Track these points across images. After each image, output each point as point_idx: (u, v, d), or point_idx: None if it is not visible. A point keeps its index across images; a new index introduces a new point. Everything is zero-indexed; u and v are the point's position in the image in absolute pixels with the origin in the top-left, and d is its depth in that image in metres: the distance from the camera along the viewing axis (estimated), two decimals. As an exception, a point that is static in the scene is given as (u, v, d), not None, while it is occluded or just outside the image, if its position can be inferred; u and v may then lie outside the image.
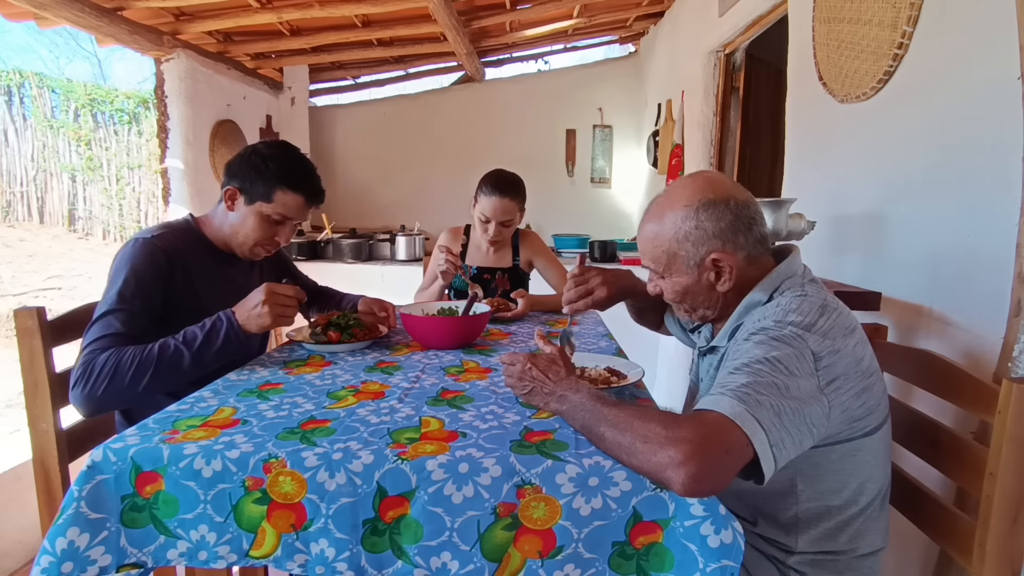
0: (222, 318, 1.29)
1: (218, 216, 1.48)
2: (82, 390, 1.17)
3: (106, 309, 1.25)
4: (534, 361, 1.07)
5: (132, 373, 1.18)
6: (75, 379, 1.18)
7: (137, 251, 1.32)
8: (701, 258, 1.03)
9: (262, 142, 1.49)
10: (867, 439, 0.97)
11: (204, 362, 1.26)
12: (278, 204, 1.43)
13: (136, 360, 1.19)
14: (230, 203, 1.44)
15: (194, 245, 1.44)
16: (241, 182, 1.42)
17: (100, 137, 7.60)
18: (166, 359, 1.21)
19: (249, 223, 1.44)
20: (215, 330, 1.27)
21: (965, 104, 1.35)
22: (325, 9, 3.44)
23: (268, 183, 1.41)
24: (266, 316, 1.28)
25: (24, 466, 2.05)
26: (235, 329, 1.28)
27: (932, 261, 1.45)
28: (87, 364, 1.18)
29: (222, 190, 1.45)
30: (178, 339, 1.25)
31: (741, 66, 3.44)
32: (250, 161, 1.42)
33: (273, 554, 0.86)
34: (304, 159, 1.50)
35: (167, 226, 1.44)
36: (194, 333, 1.26)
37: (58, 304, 5.86)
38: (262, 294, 1.29)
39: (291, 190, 1.43)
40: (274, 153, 1.44)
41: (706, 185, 1.03)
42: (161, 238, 1.36)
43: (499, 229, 2.06)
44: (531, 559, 0.83)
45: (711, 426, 0.79)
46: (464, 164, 5.27)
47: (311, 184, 1.47)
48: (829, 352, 0.89)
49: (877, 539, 1.02)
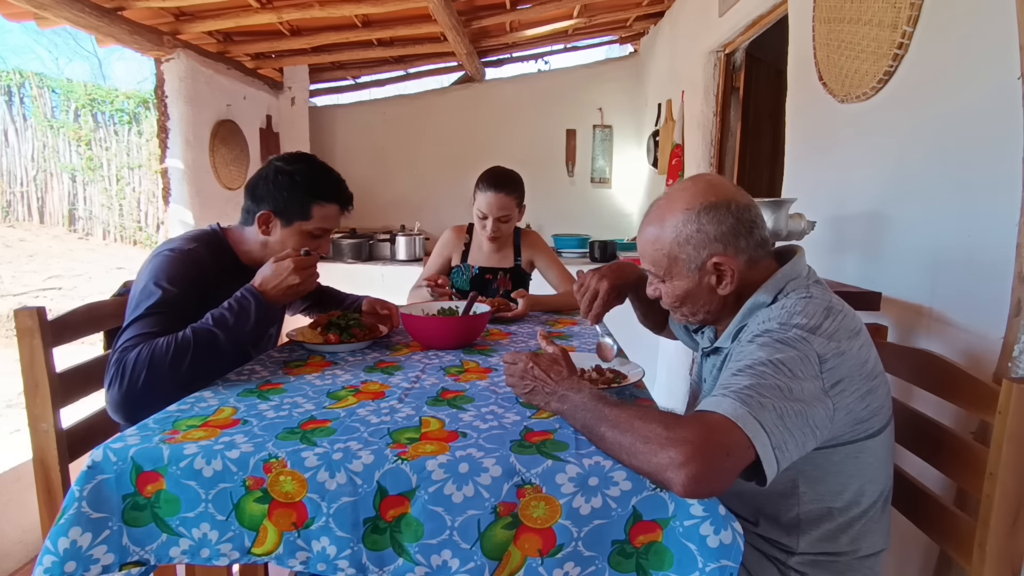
0: (248, 296, 1.27)
1: (249, 236, 1.44)
2: (119, 388, 1.14)
3: (140, 313, 1.22)
4: (536, 360, 1.07)
5: (171, 360, 1.14)
6: (109, 380, 1.16)
7: (173, 261, 1.29)
8: (702, 261, 1.02)
9: (279, 158, 1.45)
10: (870, 441, 0.97)
11: (241, 339, 1.24)
12: (317, 219, 1.41)
13: (171, 347, 1.16)
14: (265, 227, 1.40)
15: (224, 260, 1.41)
16: (273, 204, 1.39)
17: (100, 137, 7.61)
18: (202, 341, 1.19)
19: (292, 244, 1.41)
20: (244, 308, 1.25)
21: (965, 104, 1.35)
22: (325, 9, 3.44)
23: (303, 200, 1.39)
24: (299, 284, 1.29)
25: (24, 466, 2.05)
26: (263, 303, 1.27)
27: (932, 261, 1.45)
28: (119, 362, 1.16)
29: (249, 215, 1.42)
30: (207, 322, 1.22)
31: (741, 66, 3.44)
32: (277, 182, 1.39)
33: (275, 551, 0.86)
34: (328, 167, 1.48)
35: (199, 239, 1.39)
36: (223, 313, 1.24)
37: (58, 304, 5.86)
38: (290, 263, 1.29)
39: (327, 202, 1.42)
40: (299, 168, 1.42)
41: (707, 188, 1.03)
42: (196, 252, 1.34)
43: (497, 225, 2.06)
44: (531, 557, 0.83)
45: (713, 428, 0.79)
46: (464, 164, 5.26)
47: (343, 191, 1.46)
48: (834, 354, 0.89)
49: (878, 540, 1.02)
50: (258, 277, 1.31)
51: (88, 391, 1.37)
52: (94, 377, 1.39)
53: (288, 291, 1.30)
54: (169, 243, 1.36)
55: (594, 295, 1.33)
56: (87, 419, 1.36)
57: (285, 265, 1.30)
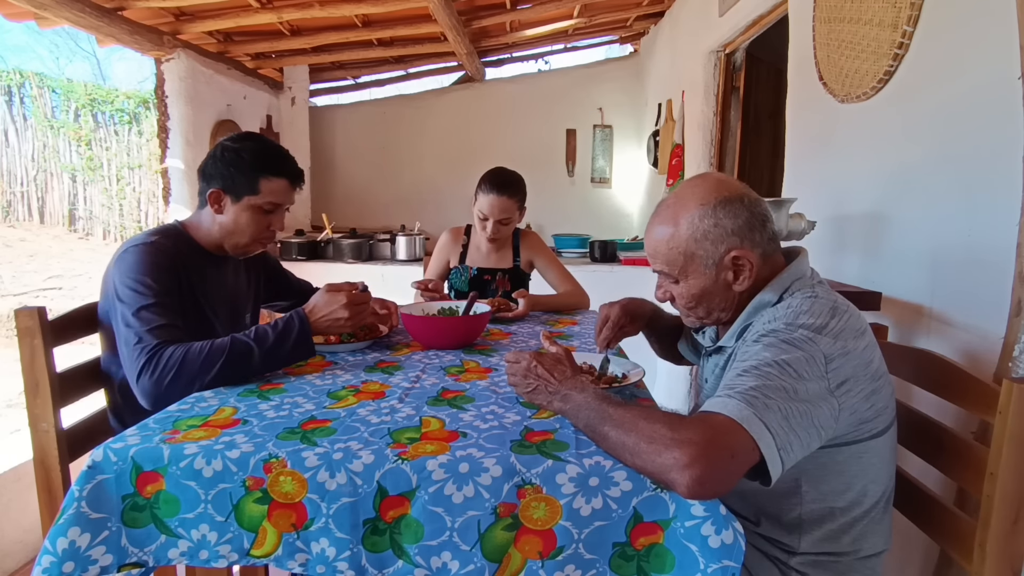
0: (295, 320, 1.28)
1: (205, 220, 1.45)
2: (150, 377, 1.16)
3: (144, 303, 1.23)
4: (540, 360, 1.06)
5: (200, 365, 1.16)
6: (139, 368, 1.17)
7: (144, 254, 1.30)
8: (720, 256, 1.01)
9: (227, 137, 1.47)
10: (873, 441, 0.97)
11: (275, 361, 1.25)
12: (266, 193, 1.42)
13: (204, 352, 1.18)
14: (216, 206, 1.42)
15: (187, 250, 1.42)
16: (222, 182, 1.40)
17: (100, 137, 7.61)
18: (237, 354, 1.20)
19: (243, 220, 1.42)
20: (287, 330, 1.26)
21: (965, 104, 1.35)
22: (325, 9, 3.44)
23: (250, 175, 1.40)
24: (347, 319, 1.32)
25: (25, 466, 2.05)
26: (307, 332, 1.28)
27: (932, 261, 1.45)
28: (153, 354, 1.17)
29: (202, 195, 1.43)
30: (248, 335, 1.24)
31: (741, 66, 3.44)
32: (224, 159, 1.40)
33: (274, 553, 0.86)
34: (275, 143, 1.50)
35: (158, 232, 1.40)
36: (265, 331, 1.25)
37: (58, 304, 5.86)
38: (343, 296, 1.31)
39: (274, 175, 1.42)
40: (245, 144, 1.43)
41: (718, 184, 1.03)
42: (160, 243, 1.35)
43: (497, 227, 2.05)
44: (531, 559, 0.83)
45: (717, 429, 0.79)
46: (464, 164, 5.26)
47: (290, 165, 1.47)
48: (840, 354, 0.89)
49: (880, 541, 1.02)
50: (310, 302, 1.33)
51: (88, 391, 1.37)
52: (95, 377, 1.39)
53: (335, 323, 1.32)
54: (130, 241, 1.36)
55: (605, 320, 1.32)
56: (87, 419, 1.36)
57: (338, 298, 1.32)
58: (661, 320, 1.44)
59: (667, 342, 1.46)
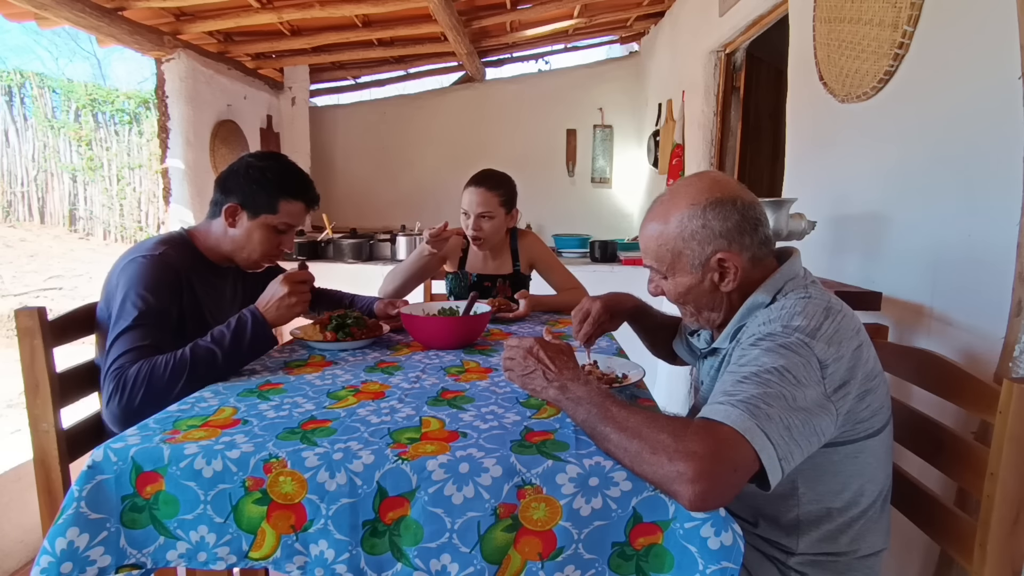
0: (246, 315, 1.31)
1: (214, 231, 1.47)
2: (119, 403, 1.17)
3: (127, 325, 1.24)
4: (543, 344, 1.02)
5: (168, 378, 1.18)
6: (108, 394, 1.19)
7: (147, 268, 1.31)
8: (706, 257, 1.01)
9: (251, 155, 1.51)
10: (869, 441, 0.97)
11: (237, 359, 1.27)
12: (283, 214, 1.45)
13: (170, 365, 1.20)
14: (231, 219, 1.44)
15: (193, 260, 1.43)
16: (242, 197, 1.43)
17: (101, 137, 7.61)
18: (200, 360, 1.22)
19: (256, 236, 1.45)
20: (241, 327, 1.29)
21: (965, 104, 1.35)
22: (325, 9, 3.44)
23: (271, 195, 1.43)
24: (296, 305, 1.35)
25: (25, 466, 2.05)
26: (261, 323, 1.31)
27: (932, 261, 1.44)
28: (118, 377, 1.19)
29: (217, 207, 1.45)
30: (207, 340, 1.25)
31: (741, 66, 3.44)
32: (248, 175, 1.43)
33: (272, 555, 0.86)
34: (298, 167, 1.53)
35: (167, 242, 1.41)
36: (222, 332, 1.27)
37: (59, 304, 5.86)
38: (285, 286, 1.33)
39: (293, 198, 1.46)
40: (269, 164, 1.46)
41: (713, 184, 1.02)
42: (166, 255, 1.35)
43: (478, 223, 2.03)
44: (531, 561, 0.83)
45: (721, 442, 0.78)
46: (464, 164, 5.22)
47: (310, 191, 1.51)
48: (835, 359, 0.88)
49: (878, 540, 1.02)
50: (261, 298, 1.36)
51: (88, 391, 1.37)
52: (94, 377, 1.39)
53: (282, 305, 1.34)
54: (137, 249, 1.36)
55: (585, 315, 1.32)
56: (87, 419, 1.36)
57: (277, 282, 1.35)
58: (646, 315, 1.44)
59: (658, 339, 1.46)
